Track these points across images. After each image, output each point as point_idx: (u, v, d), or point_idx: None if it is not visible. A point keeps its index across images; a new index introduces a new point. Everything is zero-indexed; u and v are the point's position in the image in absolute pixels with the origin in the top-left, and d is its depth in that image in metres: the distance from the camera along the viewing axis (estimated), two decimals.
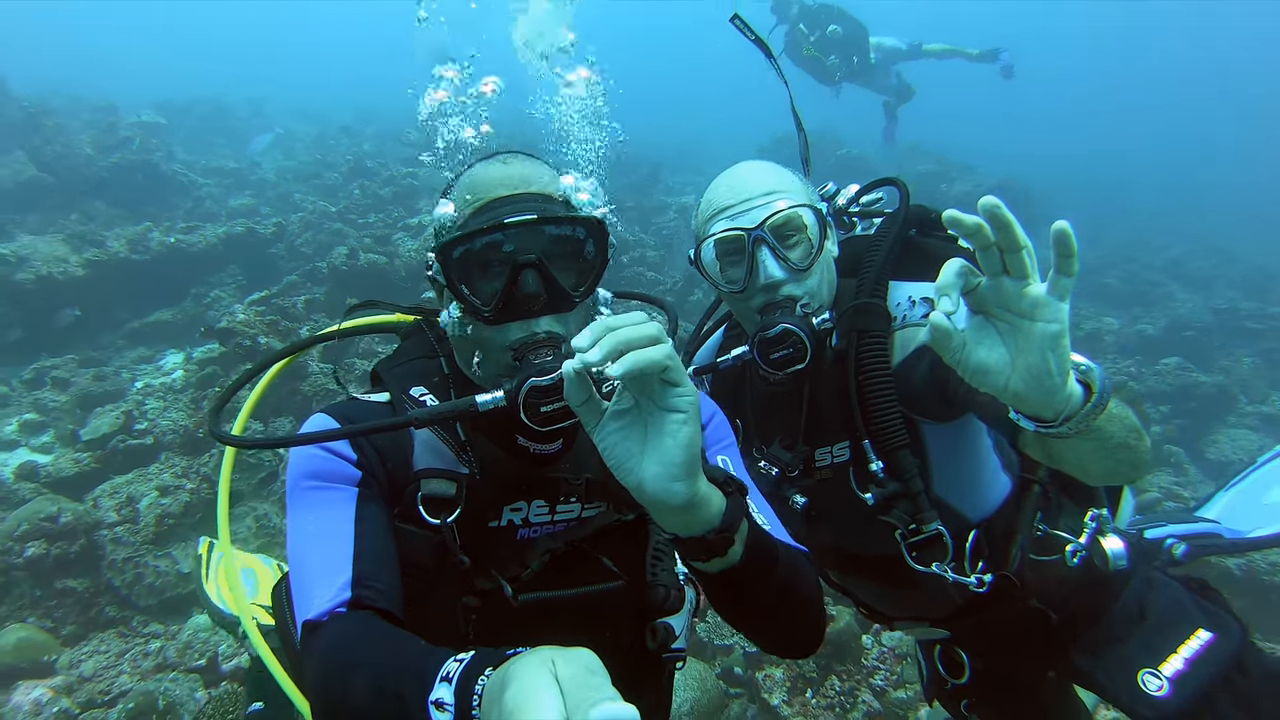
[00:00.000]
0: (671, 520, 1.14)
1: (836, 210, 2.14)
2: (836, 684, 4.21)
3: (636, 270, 10.08)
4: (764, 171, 1.87)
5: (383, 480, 1.40)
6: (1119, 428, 1.35)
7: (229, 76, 22.46)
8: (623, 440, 1.09)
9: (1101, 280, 13.51)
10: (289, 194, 12.52)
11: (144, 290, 8.92)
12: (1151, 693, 1.82)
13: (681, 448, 1.06)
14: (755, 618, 1.36)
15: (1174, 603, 1.96)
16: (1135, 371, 9.48)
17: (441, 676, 0.96)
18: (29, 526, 5.00)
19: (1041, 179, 16.27)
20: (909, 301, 1.84)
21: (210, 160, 14.26)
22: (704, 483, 1.13)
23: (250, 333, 6.46)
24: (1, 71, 12.66)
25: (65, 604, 4.99)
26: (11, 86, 12.56)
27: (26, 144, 11.07)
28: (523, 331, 1.34)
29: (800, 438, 1.91)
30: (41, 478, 5.96)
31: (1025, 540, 1.85)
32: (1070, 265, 1.17)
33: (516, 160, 1.45)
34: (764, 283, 1.78)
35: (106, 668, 4.63)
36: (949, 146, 15.49)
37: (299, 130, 17.69)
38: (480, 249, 1.34)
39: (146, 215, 10.30)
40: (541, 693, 0.80)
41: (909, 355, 1.79)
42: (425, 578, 1.38)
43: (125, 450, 6.16)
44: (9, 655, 4.50)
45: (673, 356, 1.05)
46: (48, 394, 7.38)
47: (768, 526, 1.43)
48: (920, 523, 1.77)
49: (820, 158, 15.14)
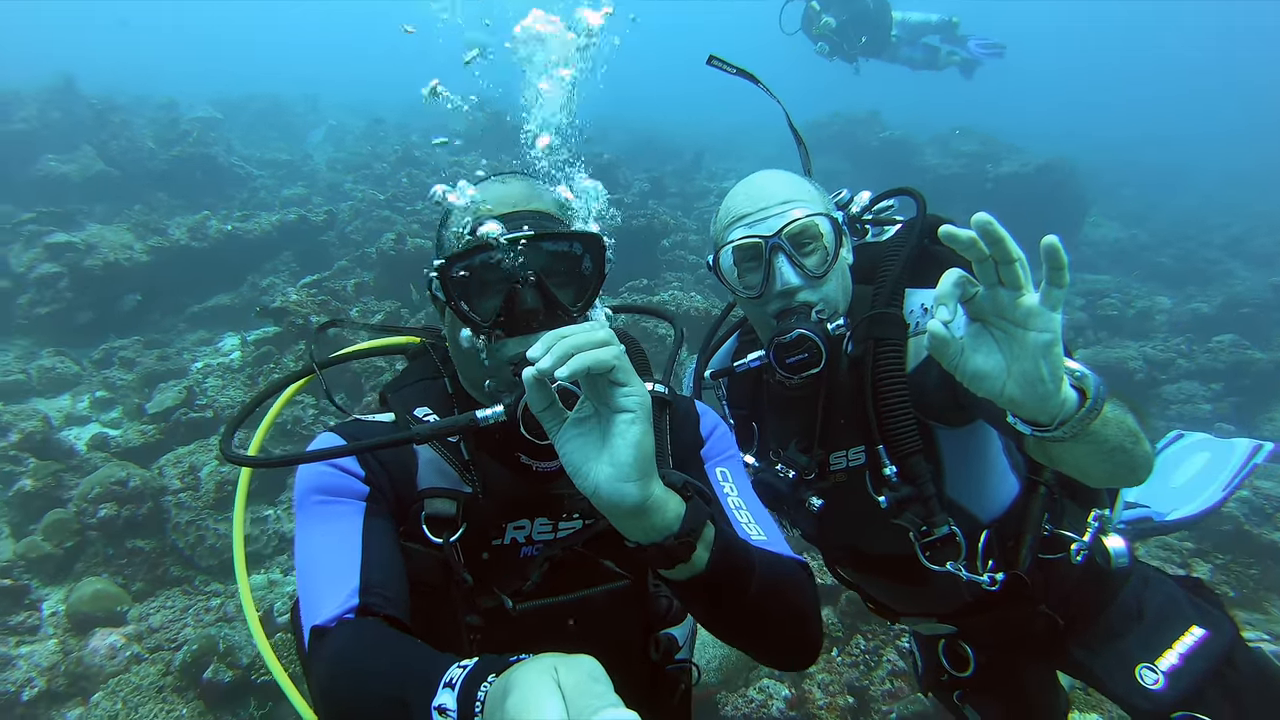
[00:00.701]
0: (630, 526, 1.15)
1: (850, 217, 2.17)
2: (861, 643, 4.29)
3: (678, 254, 10.18)
4: (781, 181, 1.91)
5: (389, 497, 1.41)
6: (1115, 431, 1.37)
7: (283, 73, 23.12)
8: (580, 447, 1.12)
9: (1154, 259, 13.22)
10: (339, 183, 12.93)
11: (203, 276, 9.33)
12: (1148, 686, 1.90)
13: (631, 446, 1.09)
14: (734, 629, 1.33)
15: (1169, 600, 2.03)
16: (1186, 349, 9.28)
17: (445, 683, 0.97)
18: (101, 490, 5.34)
19: (1090, 159, 15.89)
20: (921, 309, 1.87)
21: (265, 153, 14.77)
22: (659, 486, 1.14)
23: (302, 312, 6.75)
24: (71, 73, 13.29)
25: (135, 562, 5.32)
26: (80, 87, 13.18)
27: (94, 139, 11.64)
28: (521, 347, 1.30)
29: (816, 442, 1.96)
30: (111, 448, 6.33)
31: (1034, 540, 1.91)
32: (1060, 277, 1.20)
33: (515, 179, 1.48)
34: (780, 289, 1.82)
35: (172, 620, 4.93)
36: (998, 128, 15.21)
37: (349, 124, 18.17)
38: (479, 266, 1.35)
39: (205, 205, 10.75)
40: (544, 700, 0.80)
41: (922, 362, 1.82)
42: (430, 596, 1.39)
43: (187, 423, 6.51)
44: (86, 604, 4.84)
45: (620, 358, 1.09)
46: (116, 373, 7.80)
47: (763, 537, 1.43)
48: (932, 525, 1.82)
49: (864, 141, 15.08)
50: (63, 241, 8.67)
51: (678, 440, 1.56)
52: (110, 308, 8.64)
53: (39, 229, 9.21)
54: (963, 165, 13.88)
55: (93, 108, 12.10)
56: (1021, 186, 13.08)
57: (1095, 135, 24.49)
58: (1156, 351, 9.26)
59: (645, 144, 17.78)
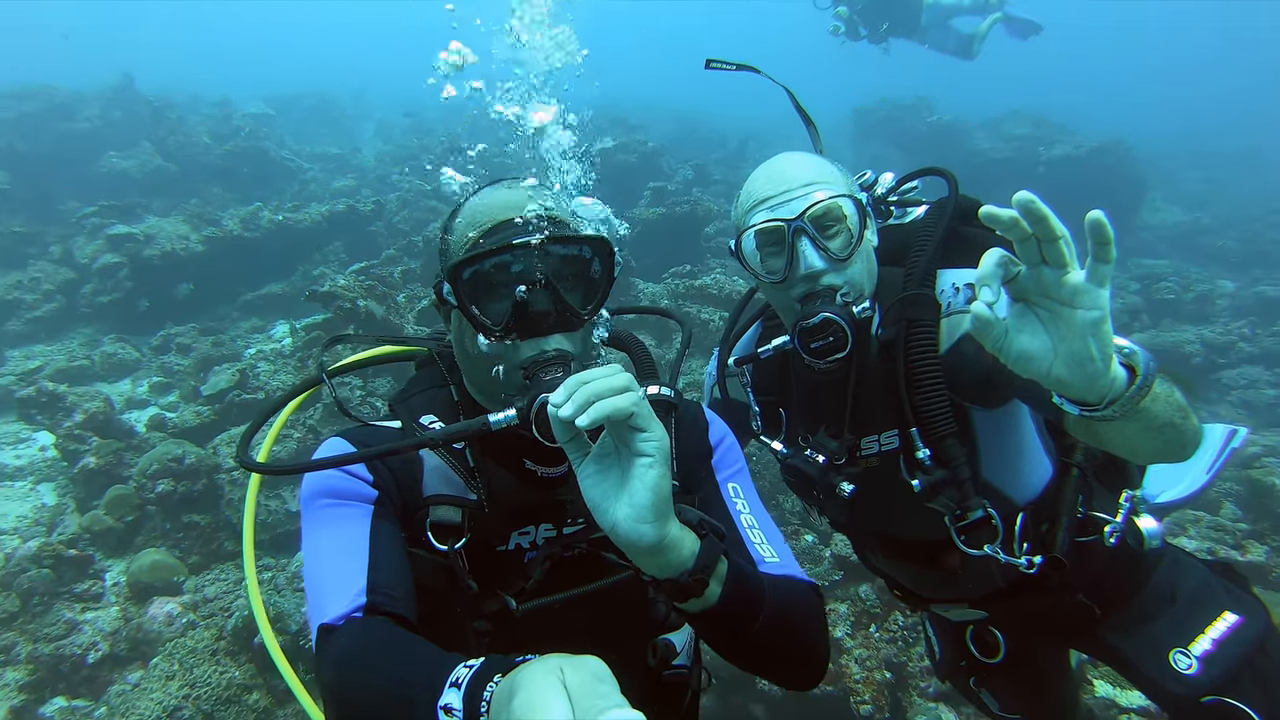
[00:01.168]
0: (645, 561, 1.18)
1: (875, 199, 2.13)
2: (900, 619, 4.23)
3: (722, 240, 10.14)
4: (803, 163, 1.87)
5: (396, 503, 1.42)
6: (1164, 408, 1.34)
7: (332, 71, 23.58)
8: (600, 483, 1.16)
9: (1217, 242, 12.79)
10: (387, 176, 13.16)
11: (256, 265, 9.60)
12: (1181, 670, 1.87)
13: (648, 489, 1.12)
14: (741, 657, 1.36)
15: (1203, 585, 2.00)
16: (1249, 333, 8.96)
17: (451, 682, 0.98)
18: (159, 466, 5.53)
19: (1149, 143, 15.40)
20: (953, 289, 1.84)
21: (315, 147, 15.09)
22: (675, 526, 1.17)
23: (350, 296, 6.87)
24: (131, 72, 13.77)
25: (191, 536, 5.50)
26: (140, 86, 13.64)
27: (153, 136, 12.04)
28: (533, 350, 1.35)
29: (846, 426, 1.93)
30: (169, 428, 6.56)
31: (1069, 522, 1.88)
32: (1107, 253, 1.16)
33: (521, 184, 1.47)
34: (804, 273, 1.77)
35: (225, 592, 5.09)
36: (1057, 111, 14.81)
37: (396, 120, 18.47)
38: (490, 270, 1.35)
39: (257, 198, 11.05)
40: (550, 700, 0.80)
41: (956, 342, 1.79)
42: (436, 601, 1.39)
43: (240, 404, 6.70)
44: (145, 574, 5.04)
45: (639, 404, 1.12)
46: (173, 358, 8.07)
47: (775, 559, 1.46)
48: (966, 509, 1.79)
49: (912, 126, 14.83)
50: (123, 233, 8.99)
51: (684, 444, 1.56)
52: (167, 296, 8.94)
53: (101, 221, 9.57)
54: (1014, 149, 13.56)
55: (151, 106, 12.53)
56: (1074, 170, 12.73)
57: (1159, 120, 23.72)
58: (1216, 335, 8.97)
59: (689, 132, 17.75)
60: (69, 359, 8.02)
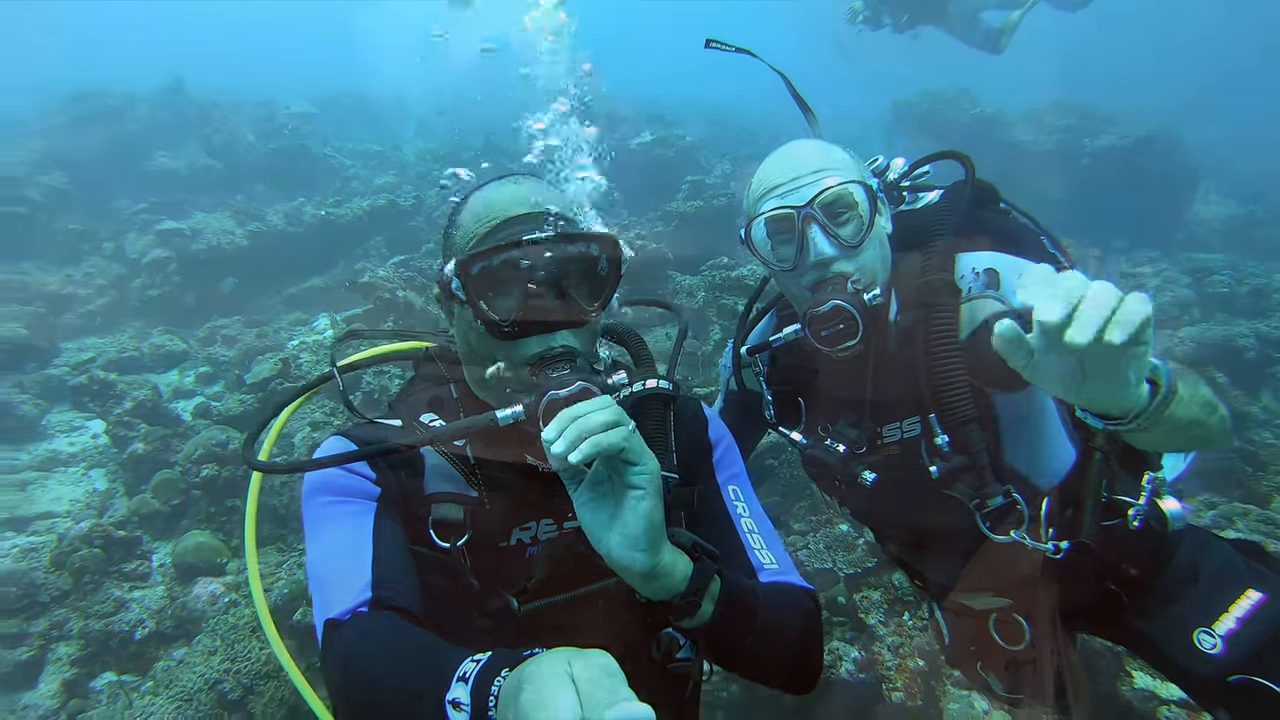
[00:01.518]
0: (640, 585, 1.23)
1: (887, 185, 2.10)
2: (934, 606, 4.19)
3: None
4: (813, 149, 1.85)
5: (399, 500, 1.43)
6: (1188, 410, 1.33)
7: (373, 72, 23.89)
8: (595, 510, 1.21)
9: (1271, 234, 12.38)
10: (427, 172, 13.32)
11: (299, 259, 9.80)
12: (1206, 650, 1.83)
13: (640, 519, 1.17)
14: (738, 666, 1.41)
15: (1226, 564, 1.95)
16: None
17: (458, 676, 0.99)
18: (203, 451, 5.68)
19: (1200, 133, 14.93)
20: (973, 273, 1.82)
21: (357, 144, 15.34)
22: (668, 552, 1.22)
23: (390, 287, 7.01)
24: (179, 74, 14.12)
25: (233, 519, 5.64)
26: (188, 88, 13.99)
27: (199, 135, 12.34)
28: (540, 346, 1.34)
29: (867, 415, 1.92)
30: (213, 416, 6.72)
31: (1095, 506, 1.85)
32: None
33: (527, 180, 1.47)
34: (814, 260, 1.76)
35: (266, 573, 5.20)
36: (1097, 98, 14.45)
37: (435, 117, 18.68)
38: (498, 265, 1.33)
39: (301, 195, 11.25)
40: (558, 693, 0.81)
41: (977, 327, 1.77)
42: (438, 599, 1.40)
43: (283, 392, 6.83)
44: (190, 555, 5.18)
45: (629, 438, 1.16)
46: (218, 349, 8.27)
47: (774, 565, 1.48)
48: (984, 496, 1.78)
49: (952, 118, 14.58)
50: (171, 228, 9.25)
51: (683, 438, 1.57)
52: (213, 289, 9.16)
53: (151, 218, 9.85)
54: (1056, 141, 13.20)
55: (197, 105, 12.84)
56: (1120, 161, 12.39)
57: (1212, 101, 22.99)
58: (1272, 329, 8.68)
59: (725, 129, 17.68)
60: (119, 351, 8.26)
